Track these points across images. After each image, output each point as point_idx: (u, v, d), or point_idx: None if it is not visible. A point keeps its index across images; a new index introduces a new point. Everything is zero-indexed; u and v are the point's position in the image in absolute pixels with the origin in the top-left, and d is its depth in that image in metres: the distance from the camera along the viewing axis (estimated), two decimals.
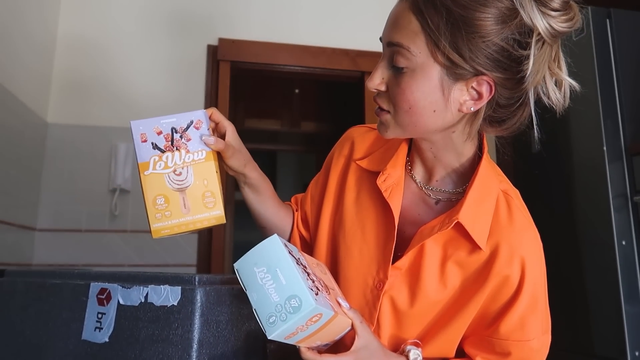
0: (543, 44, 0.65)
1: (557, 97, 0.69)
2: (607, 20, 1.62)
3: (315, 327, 0.62)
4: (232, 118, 3.20)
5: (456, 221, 0.72)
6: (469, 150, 0.78)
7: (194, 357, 0.59)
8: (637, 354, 1.42)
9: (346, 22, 2.62)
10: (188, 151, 0.76)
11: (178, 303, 0.61)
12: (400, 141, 0.83)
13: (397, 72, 0.69)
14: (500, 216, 0.75)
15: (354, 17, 2.65)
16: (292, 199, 1.01)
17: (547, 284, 0.78)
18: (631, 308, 1.45)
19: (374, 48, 2.51)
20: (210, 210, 0.76)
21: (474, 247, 0.74)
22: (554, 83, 0.69)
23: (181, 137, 0.77)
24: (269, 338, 0.59)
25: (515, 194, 0.79)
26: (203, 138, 0.76)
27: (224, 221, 0.76)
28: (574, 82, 0.69)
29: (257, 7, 2.63)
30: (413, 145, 0.82)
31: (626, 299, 1.45)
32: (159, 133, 0.76)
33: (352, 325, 0.69)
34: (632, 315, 1.45)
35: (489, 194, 0.75)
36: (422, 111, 0.69)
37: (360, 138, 0.90)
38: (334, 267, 0.85)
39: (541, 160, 1.83)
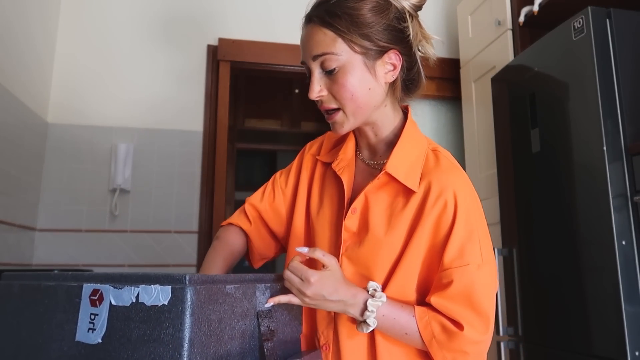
0: (411, 15, 0.92)
1: (432, 51, 0.97)
2: (607, 20, 1.62)
3: None
4: (232, 118, 3.20)
5: (384, 171, 0.90)
6: (399, 121, 0.98)
7: (185, 356, 0.59)
8: (637, 354, 1.41)
9: None
10: None
11: (168, 302, 0.61)
12: (347, 136, 1.03)
13: (331, 75, 0.88)
14: (429, 163, 0.92)
15: None
16: (248, 206, 1.10)
17: (486, 223, 0.90)
18: (631, 308, 1.44)
19: None
20: None
21: (409, 191, 0.89)
22: (426, 42, 0.96)
23: None
24: None
25: (444, 151, 0.96)
26: None
27: None
28: (436, 37, 0.98)
29: (257, 7, 2.63)
30: (358, 135, 1.01)
31: (626, 299, 1.44)
32: None
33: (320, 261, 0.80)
34: (632, 315, 1.44)
35: (415, 148, 0.94)
36: (361, 93, 0.88)
37: (315, 145, 1.12)
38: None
39: (541, 160, 1.83)
